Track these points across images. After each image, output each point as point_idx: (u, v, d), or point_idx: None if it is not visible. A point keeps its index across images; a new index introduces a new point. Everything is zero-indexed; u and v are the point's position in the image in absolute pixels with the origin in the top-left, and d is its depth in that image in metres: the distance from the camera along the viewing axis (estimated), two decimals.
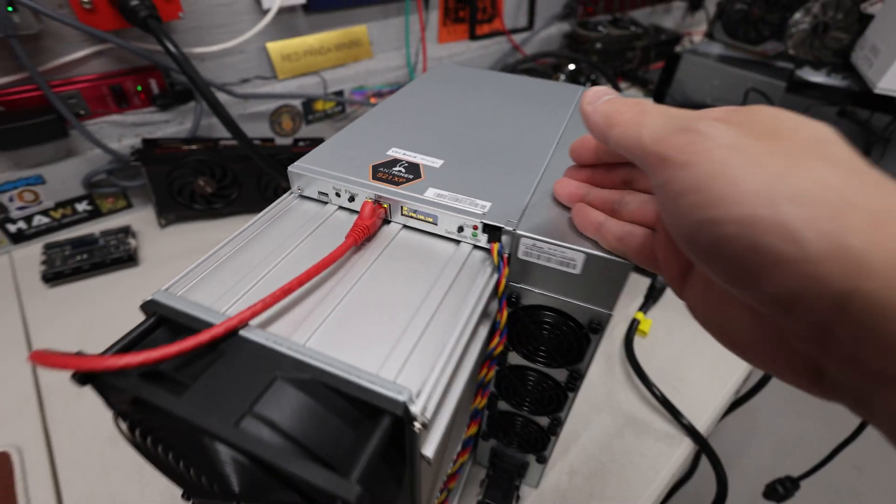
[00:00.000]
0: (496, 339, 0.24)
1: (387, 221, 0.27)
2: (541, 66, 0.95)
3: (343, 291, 0.22)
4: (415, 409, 0.17)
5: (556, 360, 0.28)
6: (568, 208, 0.24)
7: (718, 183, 0.14)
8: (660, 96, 0.86)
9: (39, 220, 0.59)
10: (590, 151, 0.24)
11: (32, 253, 0.57)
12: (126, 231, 0.59)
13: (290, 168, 0.28)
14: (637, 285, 0.58)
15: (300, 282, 0.21)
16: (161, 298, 0.20)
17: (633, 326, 0.52)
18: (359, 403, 0.17)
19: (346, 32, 0.76)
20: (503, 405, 0.34)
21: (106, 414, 0.42)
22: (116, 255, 0.56)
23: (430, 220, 0.25)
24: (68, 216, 0.61)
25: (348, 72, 0.77)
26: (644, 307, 0.55)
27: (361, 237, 0.24)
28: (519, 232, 0.23)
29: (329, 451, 0.16)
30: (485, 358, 0.24)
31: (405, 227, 0.26)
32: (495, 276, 0.24)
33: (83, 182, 0.60)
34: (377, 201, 0.26)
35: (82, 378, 0.17)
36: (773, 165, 0.14)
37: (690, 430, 0.44)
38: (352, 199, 0.27)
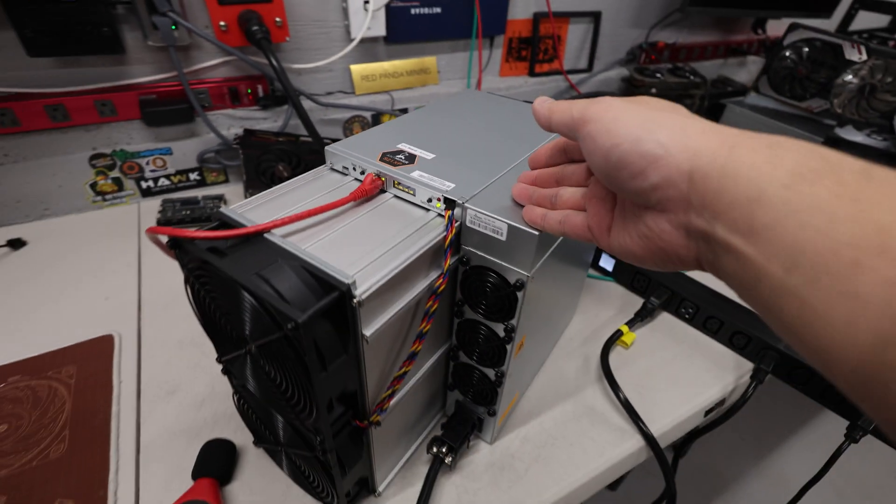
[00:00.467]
0: (440, 280, 0.33)
1: (383, 191, 0.37)
2: None
3: (339, 226, 0.32)
4: (355, 291, 0.27)
5: (495, 313, 0.36)
6: (517, 204, 0.33)
7: (617, 125, 0.24)
8: None
9: (163, 181, 0.78)
10: (541, 158, 0.33)
11: (153, 205, 0.76)
12: (220, 198, 0.76)
13: (326, 148, 0.39)
14: (633, 305, 0.63)
15: (307, 215, 0.31)
16: (225, 210, 0.32)
17: (616, 336, 0.57)
18: (323, 283, 0.27)
19: (419, 61, 0.90)
20: (463, 358, 0.42)
21: (178, 324, 0.56)
22: (209, 214, 0.72)
23: (411, 192, 0.35)
24: (183, 182, 0.79)
25: (414, 93, 0.91)
26: (631, 322, 0.59)
27: (360, 196, 0.35)
28: (466, 205, 0.33)
29: (298, 303, 0.26)
30: (431, 293, 0.33)
31: (395, 196, 0.37)
32: (444, 233, 0.33)
33: (197, 158, 0.78)
34: (378, 175, 0.36)
35: (173, 242, 0.29)
36: (647, 113, 0.24)
37: (644, 433, 0.48)
38: (362, 172, 0.37)
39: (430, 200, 0.35)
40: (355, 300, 0.27)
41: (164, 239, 0.30)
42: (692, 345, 0.59)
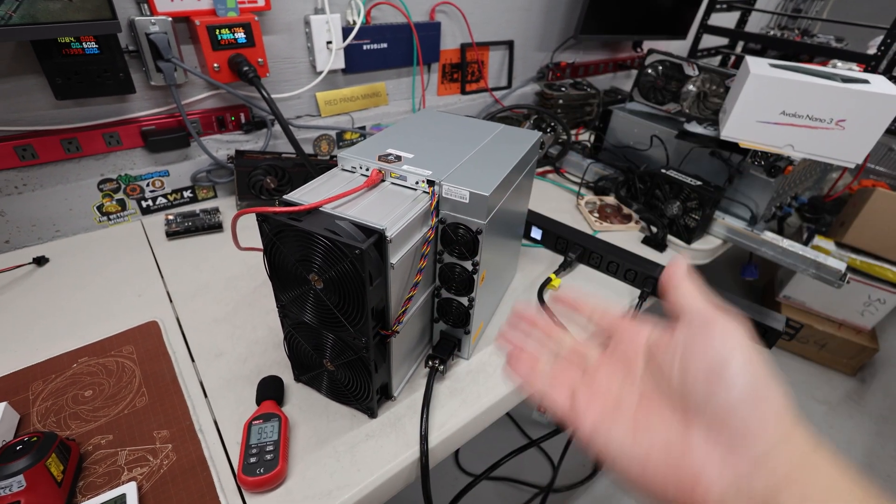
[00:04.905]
0: (430, 231, 0.51)
1: (383, 180, 0.55)
2: (514, 115, 1.26)
3: (362, 202, 0.50)
4: (388, 233, 0.45)
5: (465, 254, 0.55)
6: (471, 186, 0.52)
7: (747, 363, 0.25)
8: (599, 139, 1.16)
9: (160, 200, 0.89)
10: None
11: (154, 221, 0.87)
12: (216, 210, 0.89)
13: (339, 154, 0.56)
14: (557, 260, 0.85)
15: (340, 196, 0.49)
16: (287, 197, 0.49)
17: (547, 282, 0.79)
18: (366, 230, 0.45)
19: (371, 87, 1.09)
20: (444, 294, 0.60)
21: (208, 308, 0.69)
22: (210, 223, 0.85)
23: (403, 178, 0.54)
24: (178, 199, 0.91)
25: (370, 113, 1.09)
26: (557, 272, 0.81)
27: (371, 184, 0.52)
28: (442, 183, 0.52)
29: (358, 240, 0.44)
30: (424, 241, 0.52)
31: (392, 182, 0.55)
32: (430, 201, 0.51)
33: (191, 177, 0.90)
34: (380, 170, 0.54)
35: (262, 216, 0.45)
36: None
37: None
38: (367, 169, 0.55)
39: (416, 183, 0.53)
40: (388, 238, 0.45)
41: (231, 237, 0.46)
42: (600, 282, 0.82)
